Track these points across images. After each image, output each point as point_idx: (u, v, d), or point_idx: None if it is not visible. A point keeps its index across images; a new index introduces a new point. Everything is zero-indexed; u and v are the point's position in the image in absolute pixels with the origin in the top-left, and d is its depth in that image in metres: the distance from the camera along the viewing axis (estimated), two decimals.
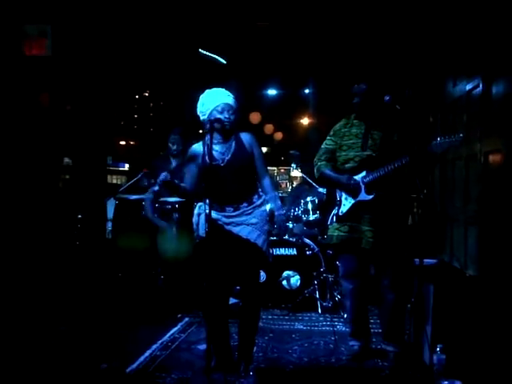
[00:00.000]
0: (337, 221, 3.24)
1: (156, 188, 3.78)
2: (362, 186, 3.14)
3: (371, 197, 3.11)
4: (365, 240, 3.10)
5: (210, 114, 2.80)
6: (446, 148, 2.93)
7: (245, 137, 2.90)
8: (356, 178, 3.16)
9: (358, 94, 3.18)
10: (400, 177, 3.04)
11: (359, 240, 3.13)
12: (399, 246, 3.11)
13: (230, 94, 2.86)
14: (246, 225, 2.83)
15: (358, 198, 3.15)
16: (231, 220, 2.84)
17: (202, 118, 2.85)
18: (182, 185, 2.90)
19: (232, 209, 2.84)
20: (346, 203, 3.21)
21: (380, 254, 3.12)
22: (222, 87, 2.91)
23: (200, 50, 7.24)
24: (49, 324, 3.66)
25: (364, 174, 3.13)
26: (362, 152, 3.16)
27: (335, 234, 3.23)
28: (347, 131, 3.27)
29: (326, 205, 3.49)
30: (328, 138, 3.38)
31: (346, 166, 3.23)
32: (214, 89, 2.88)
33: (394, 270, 3.12)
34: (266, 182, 2.94)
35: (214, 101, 2.81)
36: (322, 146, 3.40)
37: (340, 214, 3.23)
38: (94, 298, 4.25)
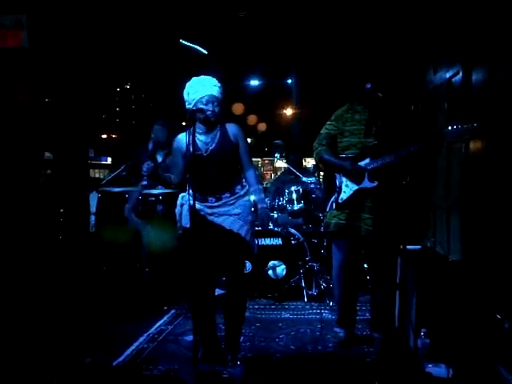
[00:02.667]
0: (336, 208, 3.19)
1: (144, 182, 3.75)
2: (366, 174, 3.11)
3: (374, 184, 3.09)
4: (364, 228, 3.10)
5: (195, 104, 2.77)
6: (458, 136, 2.93)
7: (230, 127, 2.88)
8: (360, 164, 3.13)
9: (371, 80, 3.07)
10: (403, 165, 3.02)
11: (357, 228, 3.11)
12: (397, 235, 3.11)
13: (216, 83, 2.82)
14: (229, 215, 2.81)
15: (361, 185, 3.12)
16: (213, 210, 2.83)
17: (187, 106, 2.82)
18: (167, 174, 2.88)
19: (214, 199, 2.82)
20: (347, 190, 3.17)
21: (377, 243, 3.12)
22: (199, 81, 2.87)
23: (181, 40, 7.17)
24: (33, 319, 3.61)
25: (368, 161, 3.10)
26: (365, 139, 3.12)
27: (333, 221, 3.19)
28: (350, 117, 3.21)
29: (324, 191, 3.44)
30: (329, 122, 3.30)
31: (347, 152, 3.18)
32: (201, 77, 2.84)
33: (389, 258, 3.13)
34: (251, 174, 2.93)
35: (199, 91, 2.78)
36: (322, 131, 3.32)
37: (340, 201, 3.18)
38: (79, 292, 4.21)
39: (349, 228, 3.14)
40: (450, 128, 2.91)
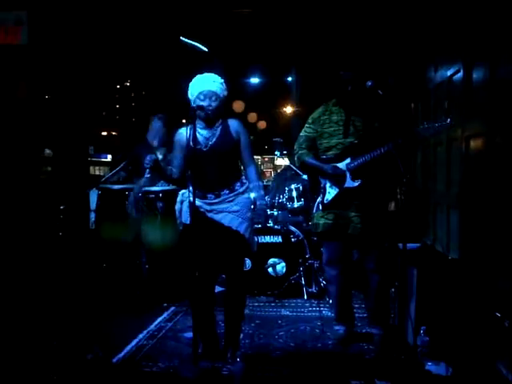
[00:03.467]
0: (322, 209, 3.23)
1: (148, 175, 3.74)
2: (348, 173, 3.14)
3: (357, 183, 3.12)
4: (352, 226, 3.12)
5: (194, 101, 2.78)
6: (432, 133, 2.95)
7: (232, 123, 2.88)
8: (340, 165, 3.16)
9: (349, 81, 3.13)
10: (384, 162, 3.06)
11: (345, 226, 3.14)
12: (384, 230, 3.14)
13: (216, 79, 2.83)
14: (228, 212, 2.81)
15: (344, 186, 3.16)
16: (212, 207, 2.83)
17: (191, 103, 2.83)
18: (168, 167, 2.88)
19: (213, 196, 2.82)
20: (331, 191, 3.21)
21: (366, 239, 3.15)
22: (201, 77, 2.88)
23: (181, 37, 7.16)
24: (33, 315, 3.62)
25: (348, 160, 3.14)
26: (344, 139, 3.16)
27: (321, 221, 3.22)
28: (327, 118, 3.25)
29: (310, 192, 3.49)
30: (307, 125, 3.35)
31: (328, 153, 3.22)
32: (203, 74, 2.85)
33: (378, 253, 3.15)
34: (251, 170, 2.93)
35: (198, 87, 2.80)
36: (302, 134, 3.36)
37: (325, 201, 3.22)
38: (79, 288, 4.21)
39: (337, 227, 3.17)
40: (425, 124, 2.93)
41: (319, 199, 3.27)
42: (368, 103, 3.16)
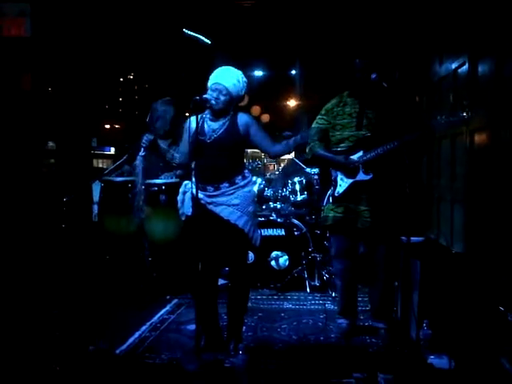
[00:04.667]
0: (333, 201, 3.19)
1: (143, 153, 3.72)
2: (360, 166, 3.11)
3: (369, 177, 3.09)
4: (361, 220, 3.10)
5: (207, 92, 2.80)
6: (448, 127, 2.91)
7: (241, 117, 2.86)
8: (353, 157, 3.12)
9: (360, 70, 3.08)
10: (395, 156, 3.01)
11: (355, 220, 3.12)
12: (394, 225, 3.11)
13: (234, 76, 2.81)
14: (227, 205, 2.81)
15: (356, 178, 3.12)
16: (212, 200, 2.82)
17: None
18: (171, 152, 2.87)
19: (212, 188, 2.82)
20: (343, 183, 3.17)
21: (375, 234, 3.13)
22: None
23: (184, 30, 7.12)
24: (37, 307, 3.63)
25: (361, 153, 3.10)
26: (357, 131, 3.12)
27: (330, 214, 3.20)
28: (340, 110, 3.20)
29: (320, 185, 3.46)
30: (319, 117, 3.30)
31: (341, 145, 3.18)
32: (225, 67, 2.85)
33: (387, 248, 3.14)
34: (277, 147, 2.87)
35: (213, 78, 2.82)
36: (314, 125, 3.31)
37: (336, 194, 3.19)
38: (82, 280, 4.22)
39: (346, 221, 3.15)
40: (439, 118, 2.89)
41: (330, 192, 3.23)
42: (378, 96, 3.12)
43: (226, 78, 2.79)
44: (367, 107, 3.13)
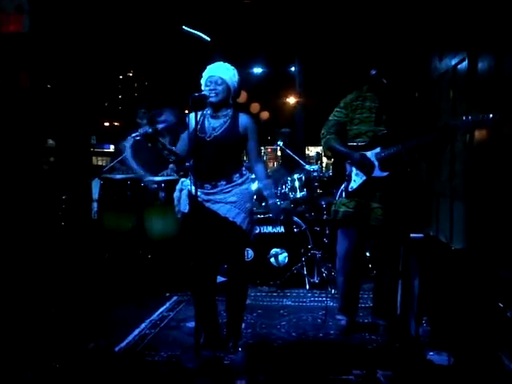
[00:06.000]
0: (346, 196, 3.15)
1: (137, 137, 3.69)
2: (376, 163, 3.07)
3: (386, 174, 3.06)
4: (374, 217, 3.08)
5: (204, 88, 2.80)
6: (473, 127, 2.87)
7: (242, 118, 2.85)
8: (369, 153, 3.08)
9: (377, 66, 3.04)
10: (414, 154, 2.98)
11: (366, 216, 3.10)
12: (405, 224, 3.09)
13: (228, 68, 2.82)
14: (225, 203, 2.80)
15: (373, 175, 3.08)
16: (209, 197, 2.82)
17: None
18: (169, 146, 2.87)
19: (210, 186, 2.81)
20: (357, 179, 3.14)
21: (386, 232, 3.11)
22: (207, 65, 2.87)
23: (184, 27, 7.11)
24: (36, 305, 3.63)
25: (379, 149, 3.06)
26: (375, 127, 3.09)
27: (342, 209, 3.16)
28: (360, 104, 3.15)
29: (334, 179, 3.39)
30: (338, 109, 3.24)
31: (357, 140, 3.14)
32: (218, 62, 2.86)
33: (395, 247, 3.12)
34: (259, 168, 2.92)
35: (207, 73, 2.81)
36: (331, 118, 3.26)
37: (350, 189, 3.15)
38: (82, 278, 4.22)
39: (357, 216, 3.11)
40: (464, 118, 2.85)
41: (343, 186, 3.18)
42: (396, 92, 3.08)
43: (220, 70, 2.80)
44: (387, 103, 3.07)
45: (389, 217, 3.06)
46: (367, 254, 4.28)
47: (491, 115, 2.81)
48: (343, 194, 3.18)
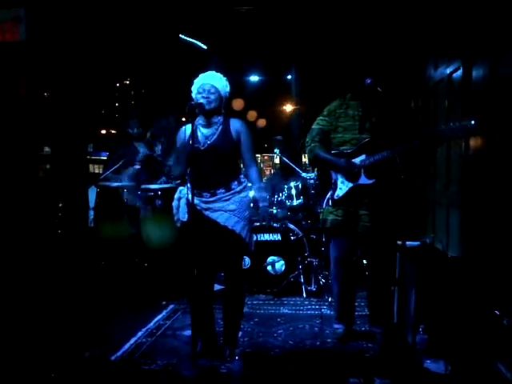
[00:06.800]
0: (332, 204, 3.17)
1: (137, 166, 3.70)
2: (362, 170, 3.09)
3: (371, 181, 3.08)
4: (361, 224, 3.09)
5: (195, 97, 2.80)
6: (453, 135, 2.91)
7: (234, 123, 2.86)
8: (355, 161, 3.11)
9: (371, 75, 3.05)
10: (398, 161, 3.00)
11: (354, 224, 3.11)
12: (392, 231, 3.11)
13: (219, 76, 2.84)
14: (224, 211, 2.80)
15: (357, 182, 3.11)
16: (208, 206, 2.82)
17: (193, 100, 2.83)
18: (168, 165, 2.88)
19: (209, 194, 2.82)
20: (343, 187, 3.16)
21: (374, 239, 3.12)
22: (204, 73, 2.88)
23: (181, 35, 7.13)
24: (32, 313, 3.61)
25: (363, 157, 3.09)
26: (359, 135, 3.11)
27: (329, 217, 3.18)
28: (343, 112, 3.18)
29: (320, 187, 3.41)
30: (321, 118, 3.27)
31: (342, 148, 3.16)
32: (207, 72, 2.86)
33: (385, 253, 3.13)
34: (253, 171, 2.92)
35: (199, 82, 2.82)
36: (315, 127, 3.28)
37: (336, 197, 3.17)
38: (78, 286, 4.20)
39: (345, 224, 3.13)
40: (452, 125, 2.89)
41: (329, 195, 3.20)
42: (377, 100, 3.11)
43: (212, 78, 2.82)
44: (370, 111, 3.11)
45: (376, 224, 3.07)
46: (364, 261, 4.27)
47: (472, 122, 2.85)
48: (330, 202, 3.19)
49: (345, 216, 3.13)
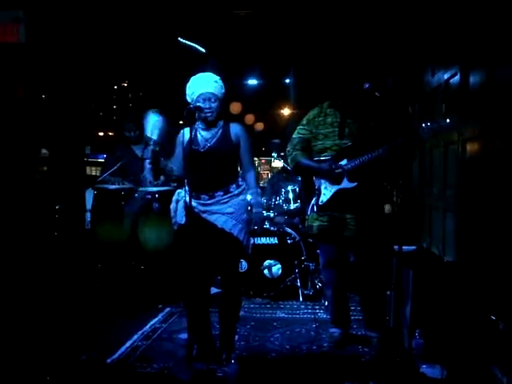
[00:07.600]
0: (317, 210, 3.20)
1: (148, 166, 3.67)
2: (345, 174, 3.11)
3: (354, 184, 3.10)
4: (347, 228, 3.10)
5: (195, 102, 2.79)
6: (431, 134, 2.94)
7: (233, 127, 2.87)
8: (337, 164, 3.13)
9: (353, 82, 3.10)
10: (381, 164, 3.04)
11: (341, 228, 3.12)
12: (380, 232, 3.13)
13: (215, 79, 2.83)
14: (222, 214, 2.80)
15: (341, 186, 3.13)
16: (206, 208, 2.82)
17: (190, 104, 2.82)
18: (169, 164, 2.88)
19: (207, 197, 2.82)
20: (327, 192, 3.18)
21: (362, 241, 3.13)
22: (198, 77, 2.87)
23: (179, 38, 7.15)
24: (27, 315, 3.60)
25: (345, 162, 3.12)
26: (339, 141, 3.14)
27: (315, 224, 3.20)
28: (322, 120, 3.22)
29: (304, 194, 3.45)
30: (301, 127, 3.31)
31: (323, 155, 3.19)
32: (201, 74, 2.85)
33: (375, 256, 3.14)
34: (251, 175, 2.92)
35: (197, 89, 2.79)
36: (295, 136, 3.32)
37: (320, 203, 3.19)
38: (74, 289, 4.19)
39: (332, 230, 3.15)
40: (426, 125, 2.91)
41: (313, 201, 3.23)
42: (365, 105, 3.16)
43: (211, 85, 2.80)
44: (348, 117, 3.15)
45: (362, 227, 3.08)
46: None
47: (448, 120, 2.87)
48: (314, 208, 3.21)
49: (330, 221, 3.14)
